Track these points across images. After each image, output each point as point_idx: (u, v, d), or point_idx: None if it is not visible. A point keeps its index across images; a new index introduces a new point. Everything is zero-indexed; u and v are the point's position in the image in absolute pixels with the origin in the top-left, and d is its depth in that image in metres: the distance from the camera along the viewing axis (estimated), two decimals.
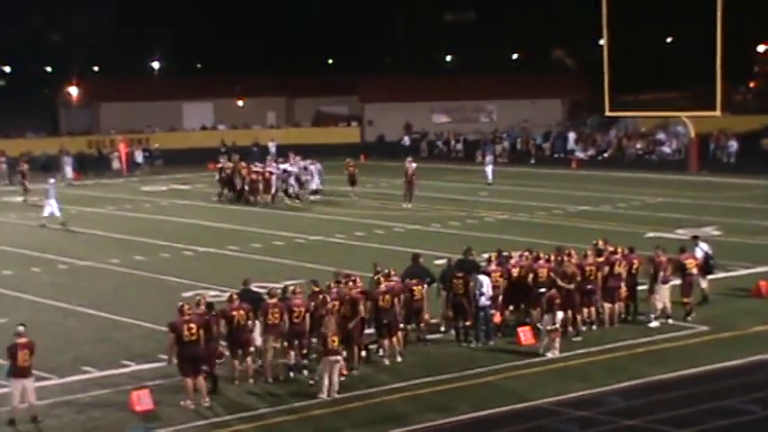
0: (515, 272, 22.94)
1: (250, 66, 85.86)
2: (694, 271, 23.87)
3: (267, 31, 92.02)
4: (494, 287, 22.38)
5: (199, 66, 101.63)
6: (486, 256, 23.72)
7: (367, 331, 20.88)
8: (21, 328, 18.24)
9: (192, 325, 18.55)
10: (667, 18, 53.31)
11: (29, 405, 17.85)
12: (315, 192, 46.52)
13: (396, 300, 21.09)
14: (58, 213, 40.06)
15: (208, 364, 18.96)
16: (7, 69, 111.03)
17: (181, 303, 19.30)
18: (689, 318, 23.28)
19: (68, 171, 57.63)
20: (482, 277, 22.16)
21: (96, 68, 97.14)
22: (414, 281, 22.02)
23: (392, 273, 21.75)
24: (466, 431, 16.92)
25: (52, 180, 42.41)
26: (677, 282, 23.79)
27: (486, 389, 19.11)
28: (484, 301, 21.99)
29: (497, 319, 22.60)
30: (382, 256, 30.35)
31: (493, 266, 22.91)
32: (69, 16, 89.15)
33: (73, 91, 78.98)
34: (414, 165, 44.72)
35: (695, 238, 26.32)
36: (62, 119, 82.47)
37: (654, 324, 22.85)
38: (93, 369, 20.84)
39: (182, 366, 18.58)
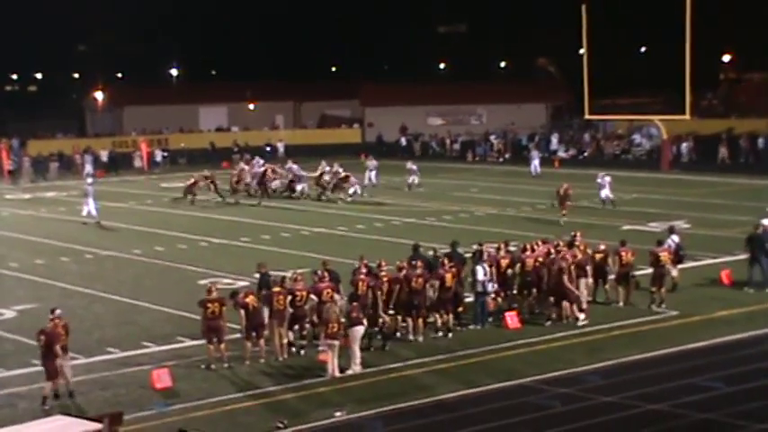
0: (504, 262, 22.91)
1: (260, 72, 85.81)
2: (667, 263, 23.72)
3: (276, 41, 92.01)
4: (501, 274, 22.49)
5: (213, 72, 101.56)
6: (494, 246, 23.62)
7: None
8: (58, 311, 18.45)
9: (216, 304, 19.53)
10: (641, 29, 53.34)
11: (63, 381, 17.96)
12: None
13: (427, 284, 21.08)
14: (94, 212, 39.39)
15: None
16: (39, 76, 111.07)
17: (209, 286, 20.39)
18: (655, 306, 23.03)
19: (89, 168, 57.85)
20: (478, 267, 22.14)
21: (120, 75, 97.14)
22: (451, 264, 21.95)
23: (383, 264, 21.54)
24: (455, 408, 16.92)
25: (90, 180, 42.35)
26: (649, 271, 23.76)
27: (475, 368, 19.12)
28: (480, 288, 22.00)
29: (492, 305, 22.57)
30: (381, 246, 30.48)
31: (502, 254, 22.89)
32: (95, 28, 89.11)
33: (98, 96, 78.94)
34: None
35: (671, 228, 26.31)
36: (89, 121, 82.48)
37: (582, 316, 22.36)
38: (116, 350, 20.87)
39: (205, 334, 19.54)
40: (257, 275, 21.69)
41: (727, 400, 16.84)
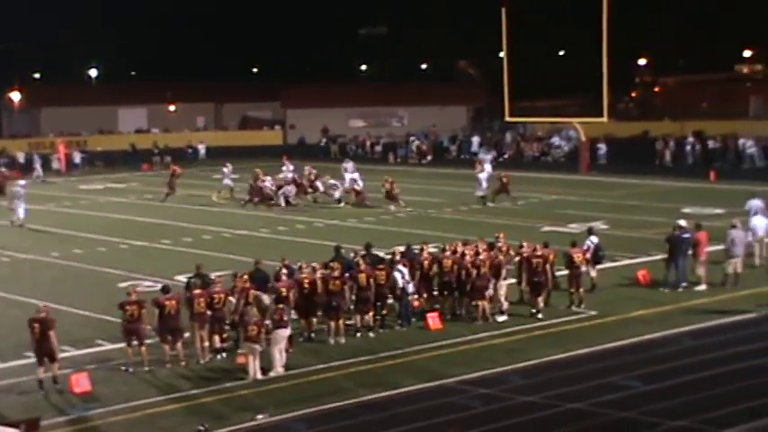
0: (426, 263, 23.00)
1: (181, 74, 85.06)
2: (582, 264, 24.03)
3: (197, 42, 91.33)
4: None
5: (133, 73, 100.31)
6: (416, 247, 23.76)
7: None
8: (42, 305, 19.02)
9: (135, 306, 19.53)
10: (560, 33, 54.01)
11: None
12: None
13: (345, 285, 21.18)
14: (21, 215, 38.77)
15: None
16: None
17: (129, 289, 20.43)
18: (574, 307, 23.35)
19: (38, 170, 57.13)
20: (401, 267, 22.22)
21: (37, 75, 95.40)
22: (381, 267, 22.06)
23: (304, 266, 21.68)
24: (378, 409, 16.94)
25: (22, 182, 41.63)
26: (565, 272, 24.05)
27: (397, 369, 19.16)
28: (398, 292, 22.10)
29: (416, 304, 22.66)
30: (303, 248, 30.39)
31: (425, 254, 23.07)
32: (11, 26, 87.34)
33: (15, 96, 77.46)
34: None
35: (590, 230, 26.61)
36: (4, 122, 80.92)
37: (501, 318, 22.62)
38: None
39: (125, 336, 19.54)
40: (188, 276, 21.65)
41: (643, 398, 17.12)
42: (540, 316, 22.55)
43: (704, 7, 74.38)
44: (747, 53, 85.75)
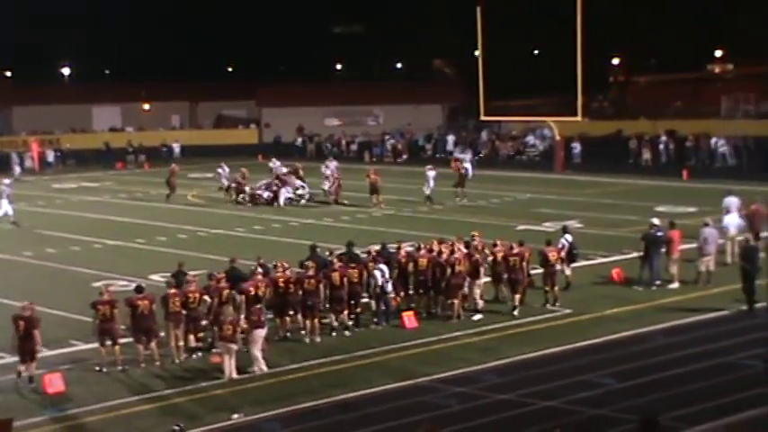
0: (403, 261, 23.02)
1: (156, 72, 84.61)
2: (556, 263, 24.09)
3: (172, 40, 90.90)
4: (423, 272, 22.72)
5: (107, 72, 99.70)
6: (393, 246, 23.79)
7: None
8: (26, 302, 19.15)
9: (107, 306, 19.45)
10: (534, 32, 54.16)
11: None
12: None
13: (321, 285, 21.18)
14: (10, 212, 38.56)
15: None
16: None
17: (101, 288, 20.34)
18: (549, 305, 23.45)
19: (18, 170, 56.83)
20: (382, 266, 22.23)
21: (8, 74, 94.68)
22: (353, 265, 22.04)
23: (279, 265, 21.64)
24: (353, 408, 16.93)
25: (7, 181, 41.35)
26: (540, 271, 24.12)
27: (373, 368, 19.17)
28: (378, 290, 22.10)
29: (394, 303, 22.67)
30: (279, 247, 30.35)
31: (402, 254, 23.14)
32: None
33: None
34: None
35: (564, 228, 26.70)
36: None
37: (476, 317, 22.68)
38: (6, 354, 20.27)
39: (98, 336, 19.44)
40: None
41: (617, 395, 17.21)
42: (515, 313, 22.65)
43: (676, 7, 74.70)
44: (719, 53, 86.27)
